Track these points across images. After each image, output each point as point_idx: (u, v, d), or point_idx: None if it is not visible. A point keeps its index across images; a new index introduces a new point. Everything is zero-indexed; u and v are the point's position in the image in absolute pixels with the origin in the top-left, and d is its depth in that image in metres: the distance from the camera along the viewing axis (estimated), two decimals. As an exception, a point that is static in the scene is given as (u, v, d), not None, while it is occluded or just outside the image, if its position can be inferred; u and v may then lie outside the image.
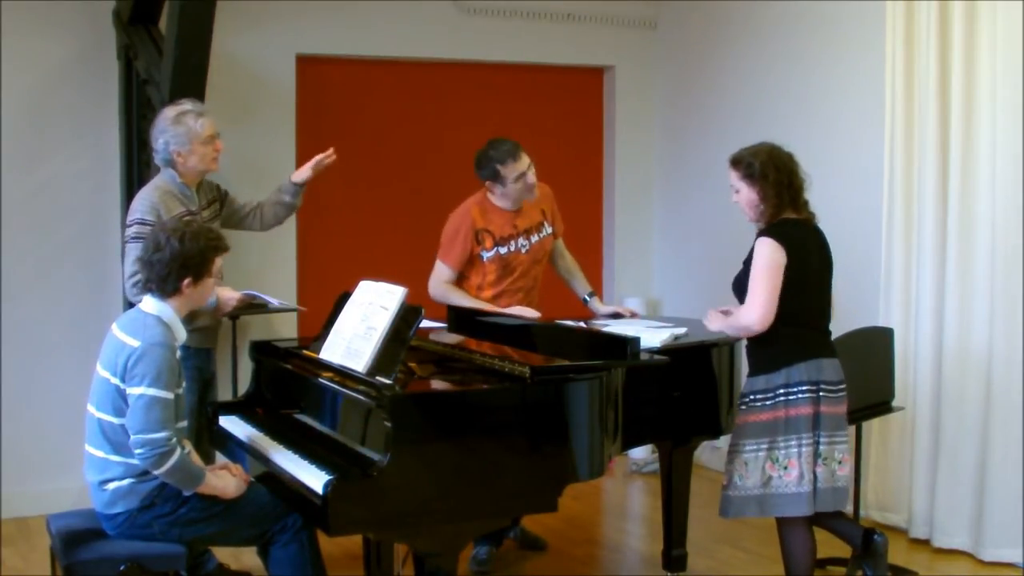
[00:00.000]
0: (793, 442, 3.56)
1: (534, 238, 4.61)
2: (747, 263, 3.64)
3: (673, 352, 3.86)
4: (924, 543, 4.83)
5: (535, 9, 6.45)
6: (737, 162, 3.63)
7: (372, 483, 2.97)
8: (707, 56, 6.44)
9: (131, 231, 4.05)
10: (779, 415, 3.56)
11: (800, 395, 3.56)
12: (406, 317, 3.34)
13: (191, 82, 4.63)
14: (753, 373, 3.64)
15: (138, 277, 3.89)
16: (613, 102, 6.82)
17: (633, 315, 4.72)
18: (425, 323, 3.60)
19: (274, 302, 4.31)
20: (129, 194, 5.48)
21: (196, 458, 3.43)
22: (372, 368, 3.28)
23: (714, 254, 6.38)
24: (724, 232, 6.32)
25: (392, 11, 6.12)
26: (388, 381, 3.14)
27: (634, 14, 6.73)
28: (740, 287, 3.66)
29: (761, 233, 3.60)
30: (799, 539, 3.67)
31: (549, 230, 4.69)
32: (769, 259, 3.52)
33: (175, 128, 4.08)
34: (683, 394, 3.92)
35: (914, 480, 4.94)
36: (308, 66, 6.01)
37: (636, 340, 3.50)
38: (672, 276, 6.80)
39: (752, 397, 3.63)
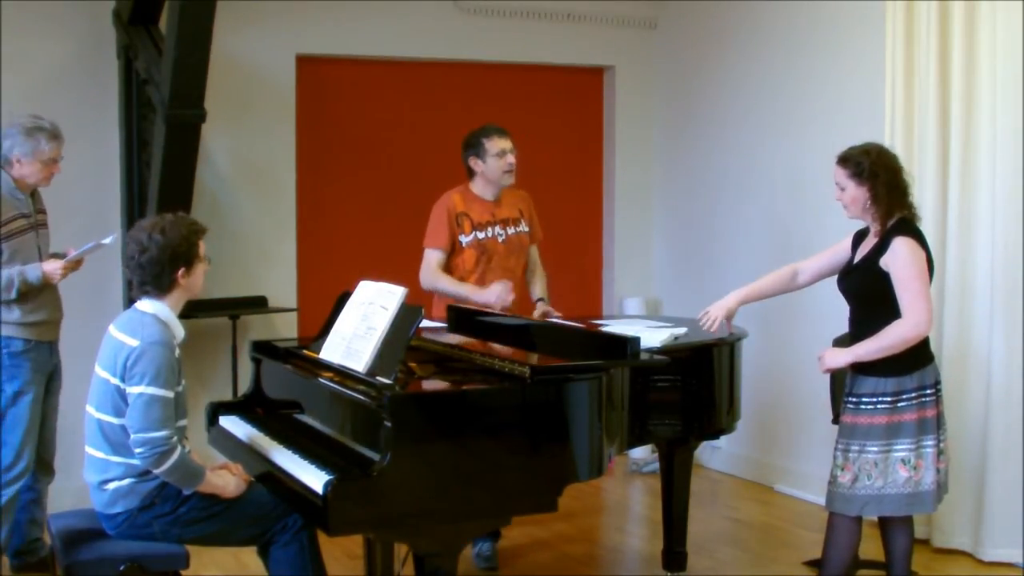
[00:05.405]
0: (924, 442, 3.60)
1: (511, 230, 4.74)
2: (866, 264, 3.63)
3: (673, 352, 3.86)
4: (924, 543, 4.82)
5: (535, 9, 6.45)
6: (845, 160, 3.67)
7: (372, 483, 2.97)
8: (707, 56, 6.44)
9: None
10: (912, 417, 3.59)
11: (928, 397, 3.62)
12: (406, 317, 3.34)
13: (191, 82, 4.63)
14: (879, 374, 3.60)
15: None
16: (613, 102, 6.82)
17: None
18: (425, 323, 3.59)
19: (89, 245, 4.34)
20: (129, 194, 5.49)
21: (196, 456, 3.43)
22: (372, 368, 3.28)
23: (714, 254, 6.38)
24: (724, 232, 6.32)
25: (392, 11, 6.12)
26: (388, 381, 3.14)
27: (634, 14, 6.73)
28: (864, 289, 3.65)
29: (896, 233, 3.57)
30: (850, 535, 3.70)
31: (526, 228, 4.81)
32: (920, 260, 3.55)
33: (25, 138, 4.28)
34: (683, 394, 3.93)
35: (914, 480, 4.94)
36: (308, 66, 6.01)
37: (636, 340, 3.51)
38: (672, 276, 6.80)
39: (879, 399, 3.61)
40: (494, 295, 4.47)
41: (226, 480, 3.37)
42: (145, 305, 3.37)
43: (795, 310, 5.53)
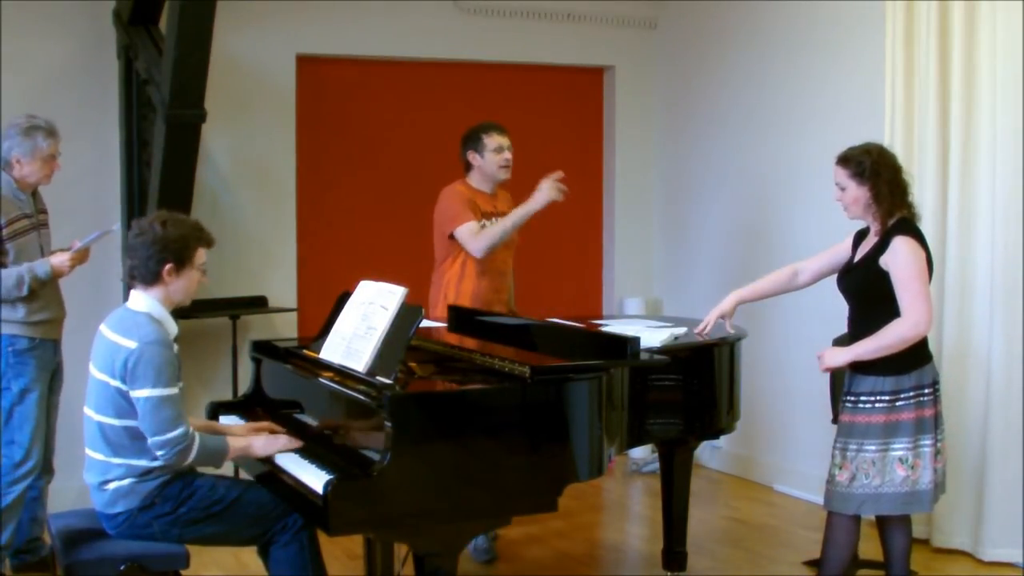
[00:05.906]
0: (922, 442, 3.61)
1: None
2: (866, 263, 3.63)
3: (673, 352, 3.87)
4: (923, 543, 4.82)
5: (535, 9, 6.45)
6: (846, 160, 3.66)
7: (372, 483, 2.97)
8: (707, 56, 6.44)
9: None
10: (910, 416, 3.59)
11: (926, 397, 3.61)
12: (406, 317, 3.34)
13: (191, 82, 4.63)
14: (878, 373, 3.60)
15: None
16: (613, 102, 6.82)
17: None
18: (425, 323, 3.59)
19: (94, 234, 4.39)
20: (129, 194, 5.49)
21: (210, 430, 3.45)
22: (372, 368, 3.29)
23: (714, 254, 6.38)
24: (724, 231, 6.32)
25: (392, 11, 6.12)
26: (388, 381, 3.14)
27: (634, 14, 6.73)
28: (864, 288, 3.65)
29: (896, 232, 3.58)
30: (848, 533, 3.71)
31: None
32: (920, 260, 3.55)
33: (23, 138, 4.32)
34: (683, 394, 3.93)
35: (914, 480, 4.94)
36: (308, 66, 6.01)
37: (636, 340, 3.51)
38: (672, 276, 6.80)
39: (877, 398, 3.61)
40: (543, 197, 4.58)
41: (250, 438, 3.43)
42: (137, 303, 3.36)
43: (794, 310, 5.53)
